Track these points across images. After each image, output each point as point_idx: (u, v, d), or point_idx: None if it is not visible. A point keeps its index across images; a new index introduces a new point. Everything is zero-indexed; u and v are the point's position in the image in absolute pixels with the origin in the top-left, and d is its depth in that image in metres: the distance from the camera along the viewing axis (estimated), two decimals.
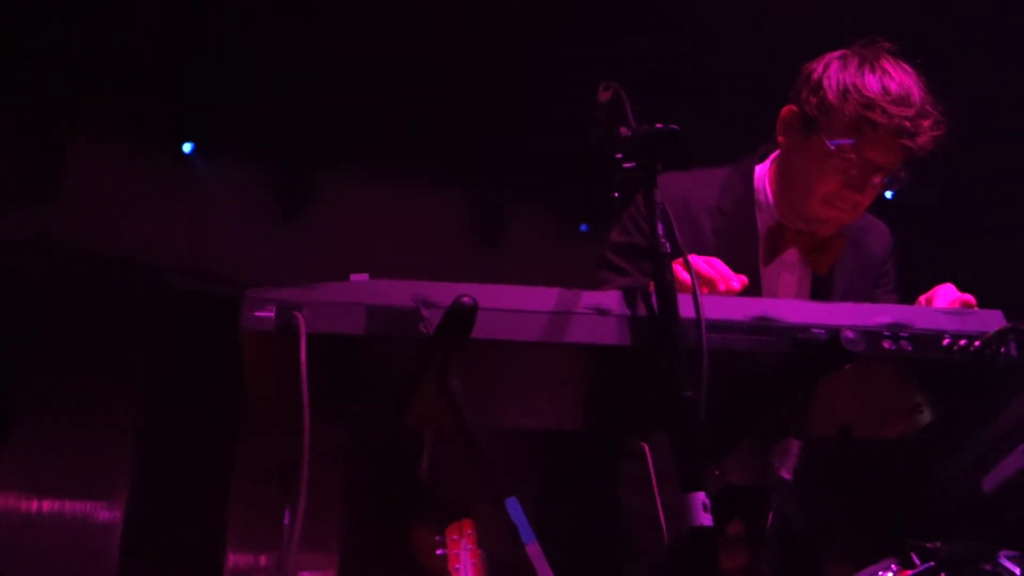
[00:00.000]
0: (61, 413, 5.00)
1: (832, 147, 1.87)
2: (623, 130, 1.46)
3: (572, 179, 5.02)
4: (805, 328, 1.43)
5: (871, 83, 1.85)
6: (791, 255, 2.02)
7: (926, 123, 1.85)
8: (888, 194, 6.22)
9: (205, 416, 5.11)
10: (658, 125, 1.42)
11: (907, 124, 1.82)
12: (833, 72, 1.90)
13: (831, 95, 1.88)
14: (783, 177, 2.03)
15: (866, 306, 1.51)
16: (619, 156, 1.46)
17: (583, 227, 5.99)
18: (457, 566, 3.01)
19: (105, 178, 5.30)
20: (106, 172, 5.31)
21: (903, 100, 1.84)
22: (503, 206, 6.07)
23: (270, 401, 1.63)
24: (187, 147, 5.44)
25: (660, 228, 1.41)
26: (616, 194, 2.00)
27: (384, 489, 5.24)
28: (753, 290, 1.96)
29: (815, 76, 1.93)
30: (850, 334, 1.38)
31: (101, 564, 5.01)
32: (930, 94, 1.89)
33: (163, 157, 5.41)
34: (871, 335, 1.43)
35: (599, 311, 1.41)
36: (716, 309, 1.43)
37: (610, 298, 1.42)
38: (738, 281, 1.56)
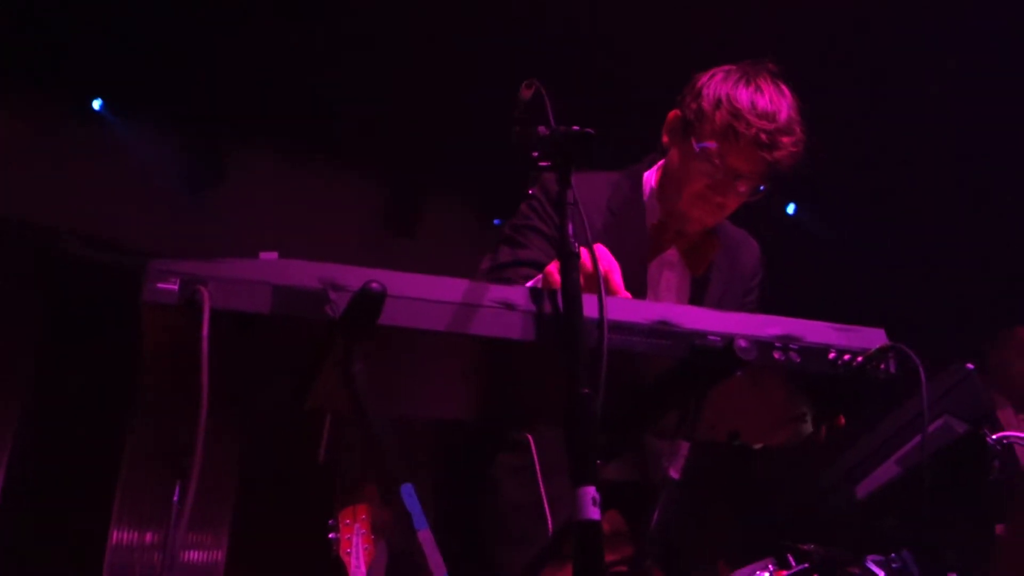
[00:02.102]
0: None
1: (698, 149, 2.00)
2: (541, 129, 1.49)
3: (488, 173, 5.05)
4: (702, 335, 1.49)
5: (742, 96, 1.99)
6: (672, 254, 2.14)
7: (786, 140, 1.98)
8: (790, 209, 6.45)
9: (97, 388, 4.95)
10: (574, 127, 1.45)
11: (764, 137, 1.95)
12: (714, 83, 2.04)
13: (706, 103, 2.02)
14: (663, 177, 2.15)
15: (760, 317, 1.58)
16: (535, 154, 1.48)
17: (496, 222, 6.02)
18: (349, 550, 3.00)
19: (7, 133, 5.07)
20: (9, 126, 5.08)
21: (768, 115, 1.97)
22: (417, 197, 6.05)
23: (168, 377, 1.60)
24: (96, 104, 5.25)
25: (570, 228, 1.44)
26: (531, 191, 2.05)
27: (279, 471, 5.17)
28: (640, 285, 2.05)
29: (699, 84, 2.07)
30: (743, 343, 1.44)
31: None
32: (799, 117, 2.02)
33: (71, 116, 5.21)
34: (763, 345, 1.49)
35: (505, 305, 1.43)
36: (619, 311, 1.47)
37: (517, 293, 1.45)
38: (624, 294, 1.61)
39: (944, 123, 4.88)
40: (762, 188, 2.04)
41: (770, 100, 1.98)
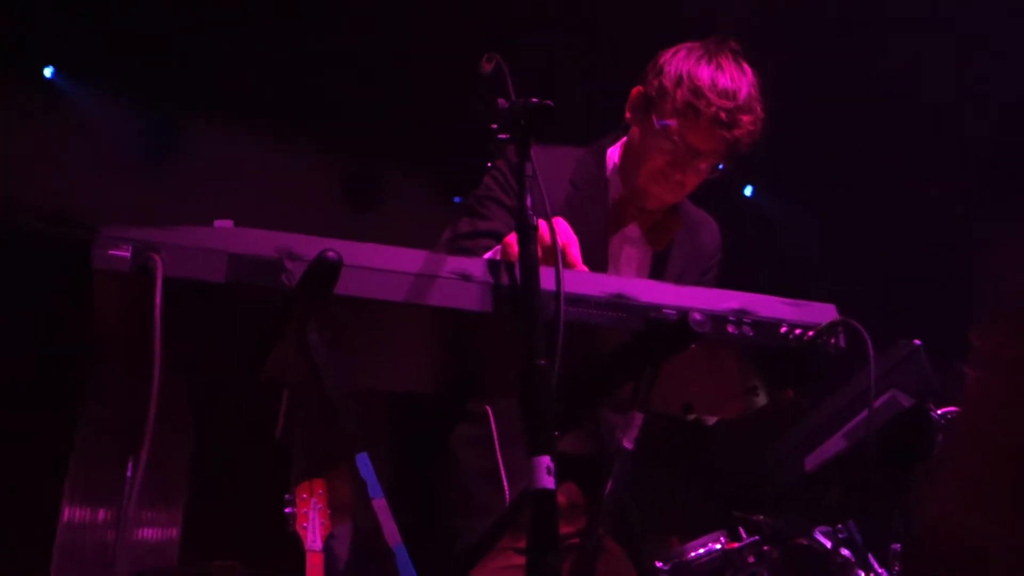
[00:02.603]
0: None
1: (659, 126, 2.01)
2: (501, 101, 1.49)
3: (450, 150, 5.03)
4: (657, 308, 1.50)
5: (703, 74, 2.00)
6: (633, 230, 2.15)
7: (745, 118, 2.00)
8: (748, 191, 6.53)
9: (49, 362, 4.87)
10: (533, 99, 1.45)
11: (724, 116, 1.97)
12: (676, 60, 2.05)
13: (667, 80, 2.03)
14: (625, 153, 2.16)
15: (715, 291, 1.60)
16: (495, 126, 1.48)
17: (457, 199, 6.00)
18: (305, 524, 3.00)
19: None
20: None
21: (728, 94, 1.98)
22: (377, 172, 6.00)
23: (120, 348, 1.58)
24: (48, 72, 5.12)
25: (529, 200, 1.44)
26: (490, 164, 2.05)
27: (234, 445, 5.13)
28: (601, 259, 2.06)
29: (661, 61, 2.08)
30: (697, 316, 1.46)
31: None
32: (760, 95, 2.04)
33: (22, 85, 5.08)
34: (717, 319, 1.51)
35: (463, 276, 1.43)
36: (575, 284, 1.48)
37: (474, 265, 1.45)
38: (581, 268, 1.62)
39: (895, 104, 4.97)
40: (721, 167, 2.06)
41: (731, 78, 1.99)
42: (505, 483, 1.91)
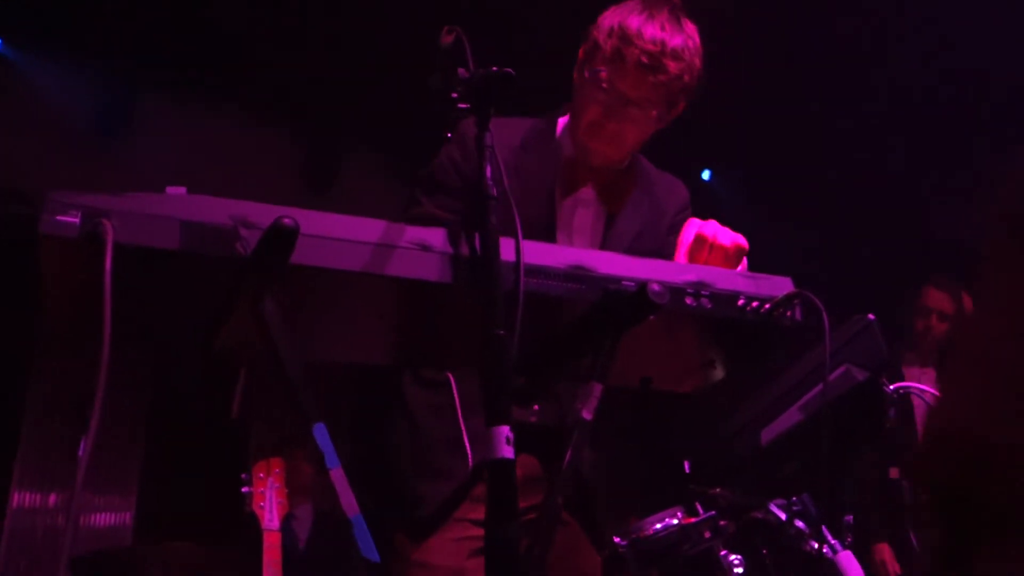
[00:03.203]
0: None
1: (589, 76, 2.03)
2: (461, 71, 1.48)
3: (409, 129, 4.99)
4: (616, 279, 1.51)
5: (633, 23, 2.01)
6: (587, 192, 2.15)
7: (671, 64, 2.00)
8: (705, 176, 6.56)
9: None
10: (494, 68, 1.44)
11: (645, 59, 1.98)
12: (611, 15, 2.06)
13: (600, 33, 2.05)
14: (571, 112, 2.16)
15: (674, 264, 1.61)
16: (455, 96, 1.47)
17: None
18: (262, 504, 2.98)
19: None
20: None
21: (655, 40, 1.99)
22: (336, 152, 5.94)
23: (69, 320, 1.55)
24: None
25: (488, 171, 1.44)
26: (449, 134, 2.03)
27: (190, 425, 5.06)
28: (550, 220, 2.07)
29: (600, 19, 2.09)
30: (656, 287, 1.46)
31: None
32: (694, 48, 2.05)
33: None
34: (675, 290, 1.52)
35: (422, 247, 1.42)
36: (534, 255, 1.48)
37: (434, 235, 1.44)
38: None
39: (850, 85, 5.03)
40: (662, 126, 2.07)
41: (661, 27, 2.00)
42: (468, 450, 1.91)
